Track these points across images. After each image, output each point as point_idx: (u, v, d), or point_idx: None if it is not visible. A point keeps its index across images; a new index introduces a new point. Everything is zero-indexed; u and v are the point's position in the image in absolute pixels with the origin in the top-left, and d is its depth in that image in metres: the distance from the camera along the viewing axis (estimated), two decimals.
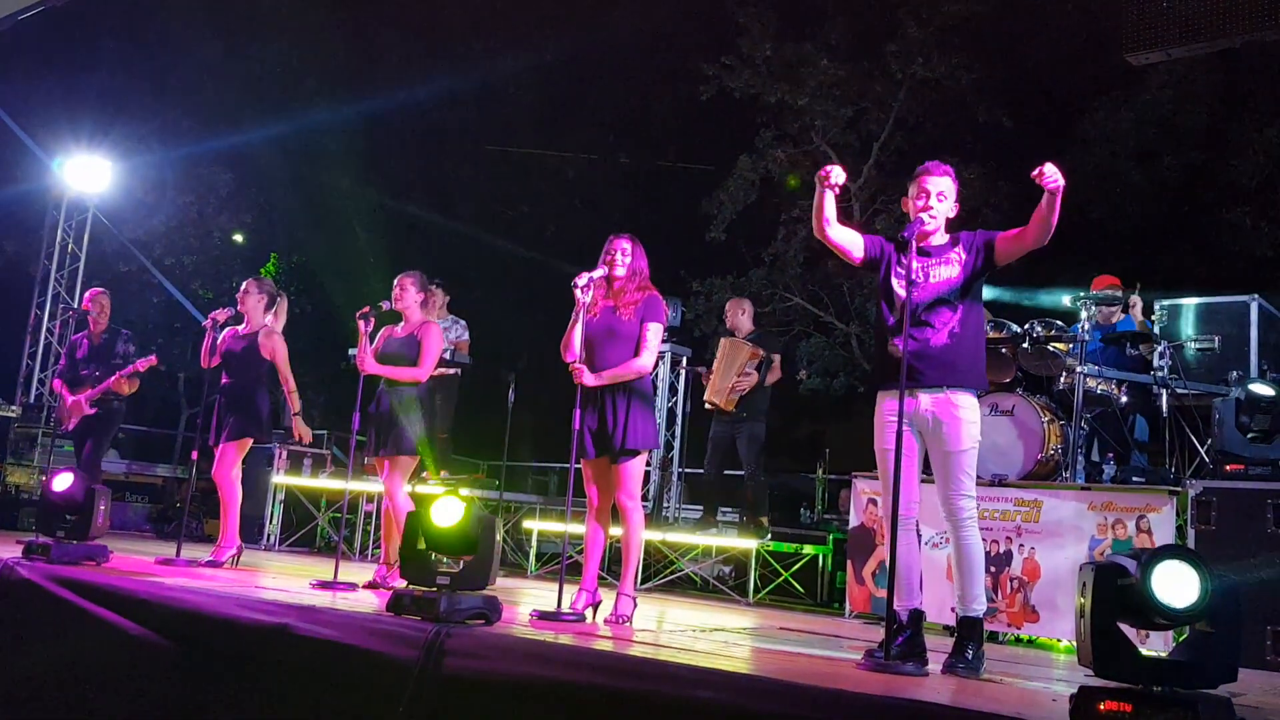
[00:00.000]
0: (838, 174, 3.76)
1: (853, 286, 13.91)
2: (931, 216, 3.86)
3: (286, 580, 5.28)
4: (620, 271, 4.46)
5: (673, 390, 9.64)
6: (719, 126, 15.32)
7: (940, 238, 3.93)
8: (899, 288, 3.85)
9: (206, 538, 6.34)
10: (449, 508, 3.72)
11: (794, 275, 14.54)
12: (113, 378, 6.88)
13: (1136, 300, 6.88)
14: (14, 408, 10.23)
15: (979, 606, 3.77)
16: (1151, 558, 2.38)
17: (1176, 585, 2.35)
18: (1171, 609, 2.33)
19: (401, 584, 3.79)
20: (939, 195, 3.90)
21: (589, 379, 4.33)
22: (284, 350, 6.08)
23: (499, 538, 3.70)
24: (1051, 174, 3.54)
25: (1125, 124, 13.14)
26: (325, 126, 16.33)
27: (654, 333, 4.44)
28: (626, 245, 4.49)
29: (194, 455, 6.51)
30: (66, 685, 3.96)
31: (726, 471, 8.05)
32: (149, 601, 3.93)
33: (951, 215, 3.97)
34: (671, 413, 9.58)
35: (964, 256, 3.91)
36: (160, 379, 15.49)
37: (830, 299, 14.48)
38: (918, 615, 3.75)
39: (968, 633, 3.74)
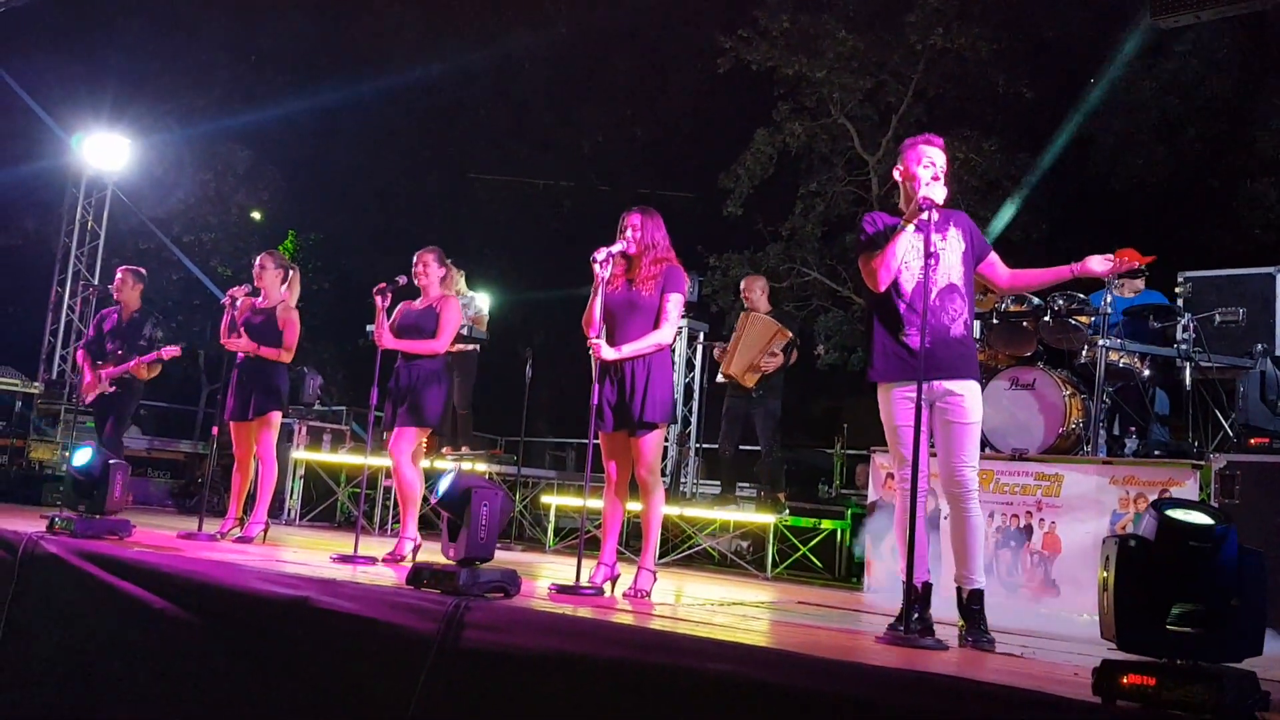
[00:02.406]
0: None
1: None
2: (944, 186, 3.74)
3: (307, 554, 5.30)
4: (633, 248, 4.44)
5: (690, 365, 9.62)
6: (736, 100, 15.21)
7: (934, 213, 3.77)
8: (913, 267, 3.74)
9: (224, 512, 6.37)
10: (440, 481, 3.75)
11: (811, 249, 14.47)
12: (133, 361, 6.90)
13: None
14: (36, 384, 10.31)
15: (983, 578, 3.79)
16: (1158, 504, 2.41)
17: (1192, 517, 2.36)
18: (1197, 524, 2.32)
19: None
20: (944, 166, 3.83)
21: (608, 354, 4.32)
22: (297, 328, 6.09)
23: (488, 508, 3.63)
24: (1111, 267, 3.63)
25: (1147, 94, 12.95)
26: (341, 103, 16.32)
27: (674, 303, 4.42)
28: (637, 220, 4.46)
29: (214, 431, 6.54)
30: (90, 658, 4.01)
31: (744, 447, 8.03)
32: (172, 575, 3.95)
33: None
34: (689, 388, 9.56)
35: (963, 244, 3.85)
36: (181, 355, 15.56)
37: (848, 273, 14.39)
38: (928, 588, 3.75)
39: (979, 605, 3.73)
